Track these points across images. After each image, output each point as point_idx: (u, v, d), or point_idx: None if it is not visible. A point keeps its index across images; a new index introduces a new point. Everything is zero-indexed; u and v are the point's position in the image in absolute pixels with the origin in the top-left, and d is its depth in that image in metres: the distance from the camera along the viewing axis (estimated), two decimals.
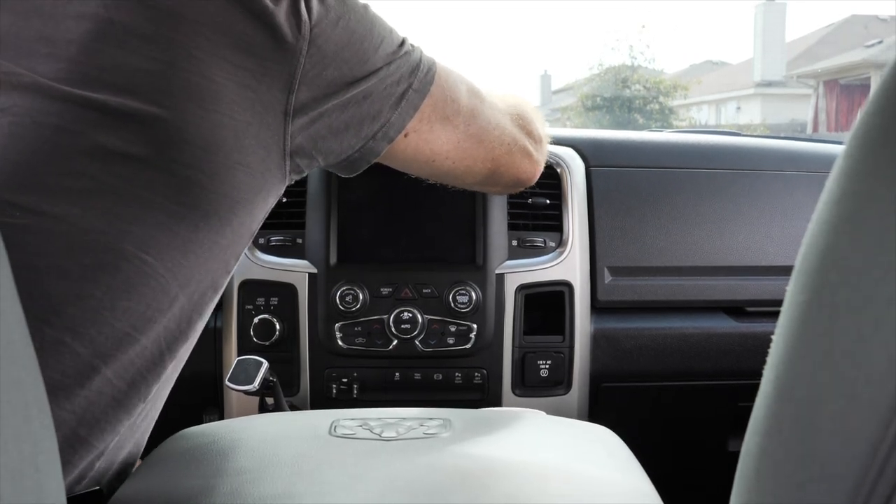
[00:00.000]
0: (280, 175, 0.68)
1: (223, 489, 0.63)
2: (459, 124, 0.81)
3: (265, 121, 0.64)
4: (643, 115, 20.33)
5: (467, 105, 0.81)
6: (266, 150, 0.65)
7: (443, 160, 0.82)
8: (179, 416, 1.10)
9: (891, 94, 0.33)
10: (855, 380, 0.31)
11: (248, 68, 0.63)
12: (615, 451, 0.76)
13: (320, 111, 0.68)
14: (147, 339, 0.63)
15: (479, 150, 0.85)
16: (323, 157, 0.72)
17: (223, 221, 0.65)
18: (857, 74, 16.74)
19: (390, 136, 0.75)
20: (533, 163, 0.92)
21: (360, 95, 0.70)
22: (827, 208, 0.35)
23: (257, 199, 0.67)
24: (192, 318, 0.68)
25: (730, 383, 1.24)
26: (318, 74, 0.66)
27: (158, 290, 0.63)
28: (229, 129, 0.63)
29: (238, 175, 0.64)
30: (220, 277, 0.69)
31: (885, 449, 0.30)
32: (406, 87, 0.74)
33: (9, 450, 0.36)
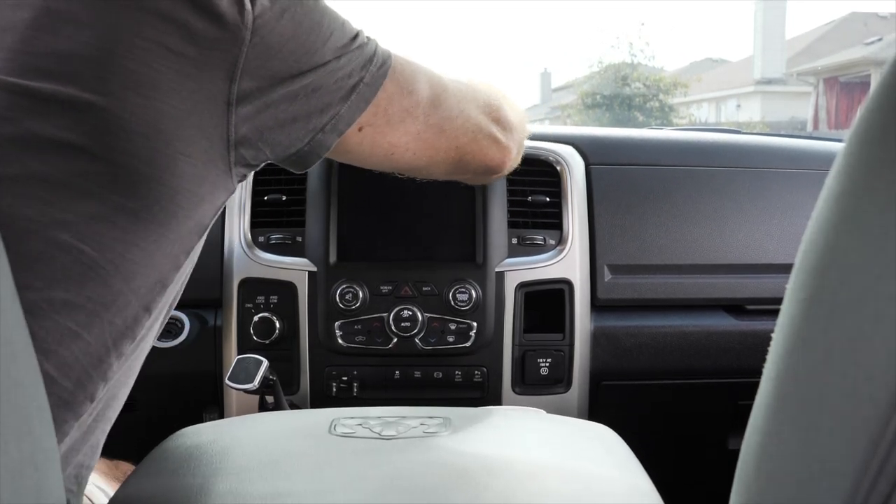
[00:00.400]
0: (224, 167, 0.67)
1: (223, 488, 0.63)
2: (419, 115, 0.80)
3: (207, 109, 0.63)
4: (643, 112, 20.31)
5: (427, 96, 0.80)
6: (209, 139, 0.64)
7: (402, 152, 0.81)
8: (179, 415, 1.11)
9: (890, 91, 0.33)
10: (855, 377, 0.31)
11: (189, 56, 0.62)
12: (615, 449, 0.76)
13: (265, 101, 0.67)
14: (91, 335, 0.62)
15: (440, 141, 0.84)
16: (270, 149, 0.70)
17: (167, 213, 0.63)
18: (856, 72, 16.73)
19: (339, 129, 0.73)
20: (501, 149, 0.91)
21: (308, 88, 0.69)
22: (827, 206, 0.35)
23: (202, 192, 0.66)
24: (140, 316, 0.66)
25: (730, 381, 1.24)
26: (261, 65, 0.65)
27: (100, 284, 0.61)
28: (169, 117, 0.61)
29: (180, 165, 0.63)
30: (169, 273, 0.67)
31: (885, 446, 0.30)
32: (357, 81, 0.72)
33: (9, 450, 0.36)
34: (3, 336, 0.37)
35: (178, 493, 0.63)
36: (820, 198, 0.36)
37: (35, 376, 0.42)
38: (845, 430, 0.32)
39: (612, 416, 1.08)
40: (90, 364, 0.62)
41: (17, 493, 0.37)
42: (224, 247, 1.19)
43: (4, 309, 0.38)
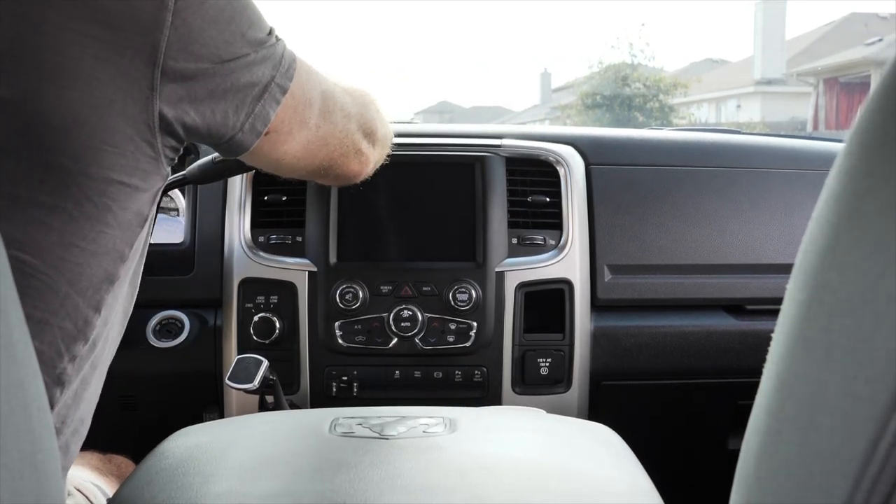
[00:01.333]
0: (152, 154, 0.64)
1: (223, 487, 0.63)
2: (312, 125, 0.77)
3: (130, 95, 0.60)
4: (643, 113, 20.31)
5: (321, 106, 0.78)
6: (133, 127, 0.61)
7: (290, 159, 0.79)
8: (179, 415, 1.11)
9: (891, 91, 0.33)
10: (854, 377, 0.31)
11: (106, 40, 0.58)
12: (615, 449, 0.76)
13: (186, 90, 0.64)
14: (42, 343, 0.60)
15: (322, 152, 0.82)
16: (189, 136, 0.68)
17: (101, 208, 0.61)
18: (857, 72, 16.73)
19: (257, 129, 0.71)
20: (363, 163, 0.89)
21: (226, 81, 0.66)
22: (827, 206, 0.35)
23: (135, 181, 0.63)
24: (90, 317, 0.64)
25: (730, 381, 1.24)
26: (183, 48, 0.62)
27: (45, 290, 0.59)
28: (90, 106, 0.58)
29: (106, 156, 0.60)
30: (115, 268, 0.65)
31: (885, 446, 0.30)
32: (269, 80, 0.70)
33: (9, 450, 0.36)
34: (3, 336, 0.37)
35: (177, 493, 0.63)
36: (820, 198, 0.36)
37: (35, 377, 0.42)
38: (845, 430, 0.32)
39: (612, 416, 1.08)
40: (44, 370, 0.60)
41: (17, 493, 0.37)
42: (224, 247, 1.19)
43: (4, 309, 0.38)
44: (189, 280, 1.20)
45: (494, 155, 1.19)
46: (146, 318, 1.18)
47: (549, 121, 25.31)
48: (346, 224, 1.16)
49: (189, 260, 1.20)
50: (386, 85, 67.09)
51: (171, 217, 1.28)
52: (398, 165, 1.18)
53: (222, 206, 1.21)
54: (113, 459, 0.96)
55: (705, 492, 1.22)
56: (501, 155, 1.19)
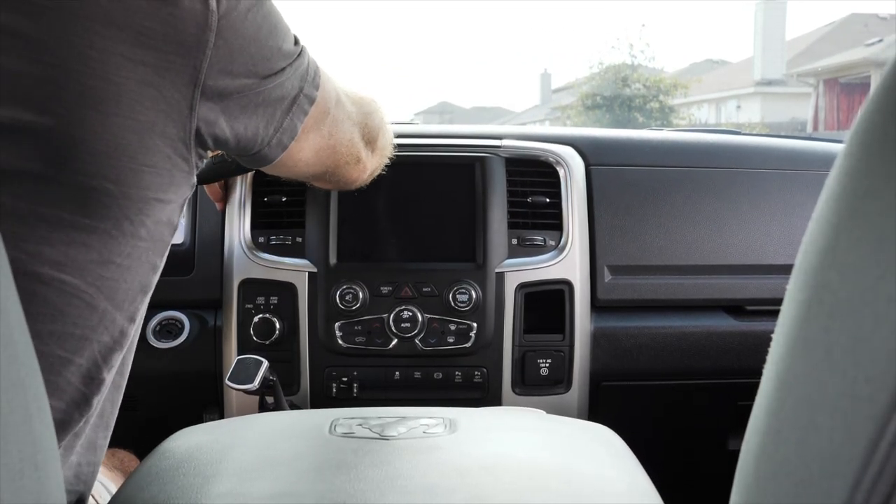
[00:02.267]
0: (187, 168, 0.65)
1: (223, 488, 0.63)
2: (325, 133, 0.78)
3: (171, 118, 0.61)
4: (643, 113, 20.33)
5: (334, 114, 0.78)
6: (172, 147, 0.62)
7: (302, 166, 0.79)
8: (179, 415, 1.11)
9: (891, 92, 0.33)
10: (854, 378, 0.31)
11: (149, 63, 0.58)
12: (615, 449, 0.76)
13: (223, 106, 0.64)
14: (81, 357, 0.61)
15: (330, 159, 0.82)
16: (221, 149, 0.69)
17: (136, 223, 0.62)
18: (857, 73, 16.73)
19: (284, 143, 0.72)
20: (361, 171, 0.90)
21: (259, 97, 0.67)
22: (827, 207, 0.35)
23: (168, 196, 0.64)
24: (125, 328, 0.65)
25: (730, 382, 1.24)
26: (223, 69, 0.62)
27: (85, 308, 0.60)
28: (132, 131, 0.59)
29: (145, 178, 0.61)
30: (149, 278, 0.66)
31: (885, 447, 0.30)
32: (298, 92, 0.70)
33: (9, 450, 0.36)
34: (3, 337, 0.37)
35: (178, 494, 0.63)
36: (820, 199, 0.36)
37: (36, 377, 0.42)
38: (845, 430, 0.32)
39: (612, 416, 1.08)
40: (83, 383, 0.62)
41: (18, 493, 0.37)
42: (224, 248, 1.19)
43: (5, 309, 0.38)
44: (189, 281, 1.20)
45: (494, 155, 1.19)
46: (146, 319, 1.18)
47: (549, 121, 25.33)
48: (346, 225, 1.16)
49: (189, 260, 1.20)
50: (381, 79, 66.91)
51: None
52: (398, 166, 1.18)
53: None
54: (116, 454, 0.96)
55: (705, 492, 1.22)
56: (501, 155, 1.20)
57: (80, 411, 0.63)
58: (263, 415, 0.90)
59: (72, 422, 0.63)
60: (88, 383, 0.63)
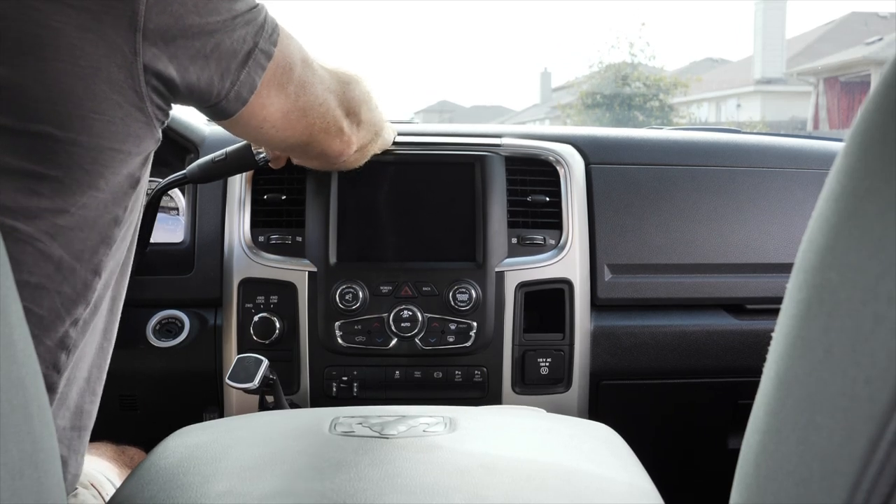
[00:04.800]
0: (143, 119, 0.65)
1: (223, 487, 0.63)
2: (291, 94, 0.78)
3: (114, 62, 0.61)
4: (643, 112, 20.32)
5: (300, 75, 0.78)
6: (120, 93, 0.62)
7: (269, 128, 0.79)
8: (180, 414, 1.11)
9: (891, 91, 0.33)
10: (854, 377, 0.31)
11: (88, 9, 0.59)
12: (615, 448, 0.76)
13: (169, 53, 0.65)
14: (41, 308, 0.61)
15: (301, 123, 0.82)
16: (177, 99, 0.69)
17: (92, 174, 0.62)
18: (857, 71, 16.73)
19: (243, 96, 0.72)
20: (344, 143, 0.90)
21: (208, 46, 0.67)
22: (827, 205, 0.35)
23: (127, 146, 0.64)
24: (89, 280, 0.64)
25: (730, 381, 1.24)
26: (162, 10, 0.63)
27: (39, 257, 0.60)
28: (75, 76, 0.59)
29: (95, 124, 0.61)
30: (110, 231, 0.66)
31: (885, 446, 0.30)
32: (252, 46, 0.71)
33: (9, 449, 0.36)
34: (3, 336, 0.37)
35: (178, 493, 0.63)
36: (820, 197, 0.36)
37: (35, 376, 0.42)
38: (845, 431, 0.32)
39: (612, 415, 1.08)
40: (46, 336, 0.62)
41: (17, 493, 0.37)
42: (224, 247, 1.19)
43: (4, 309, 0.38)
44: (189, 280, 1.20)
45: (494, 154, 1.19)
46: (146, 318, 1.18)
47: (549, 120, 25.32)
48: (346, 224, 1.16)
49: (189, 259, 1.20)
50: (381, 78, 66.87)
51: (171, 216, 1.28)
52: (398, 165, 1.19)
53: (222, 206, 1.21)
54: (126, 451, 0.96)
55: (705, 492, 1.22)
56: (501, 154, 1.19)
57: (47, 365, 0.62)
58: (263, 414, 0.90)
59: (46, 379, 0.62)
60: (53, 336, 0.62)
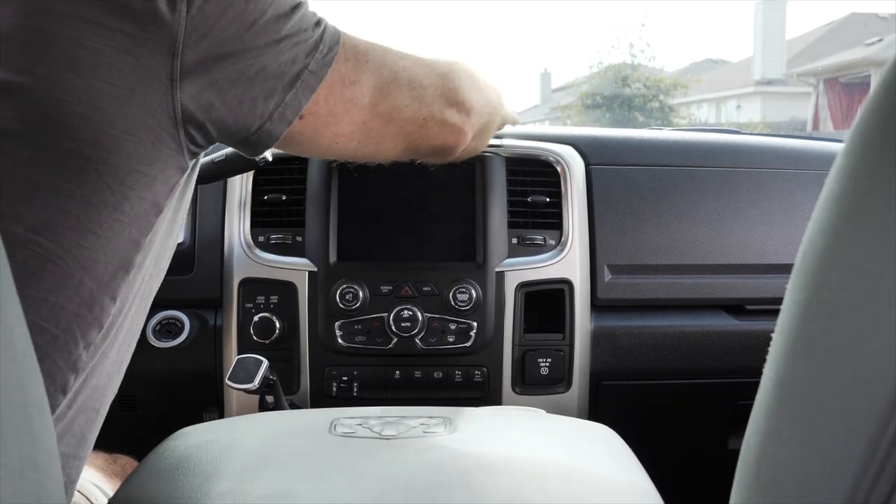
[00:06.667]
0: (174, 146, 0.65)
1: (223, 487, 0.63)
2: (365, 105, 0.77)
3: (150, 86, 0.61)
4: (643, 113, 20.33)
5: (374, 84, 0.77)
6: (154, 117, 0.62)
7: (347, 142, 0.79)
8: (179, 415, 1.11)
9: (891, 91, 0.33)
10: (854, 378, 0.31)
11: (127, 32, 0.60)
12: (615, 449, 0.76)
13: (209, 79, 0.64)
14: (57, 328, 0.61)
15: (388, 129, 0.81)
16: (217, 130, 0.68)
17: (119, 196, 0.62)
18: (857, 72, 16.73)
19: (287, 118, 0.71)
20: (455, 133, 0.88)
21: (251, 69, 0.67)
22: (827, 206, 0.35)
23: (154, 172, 0.64)
24: (105, 303, 0.64)
25: (730, 381, 1.24)
26: (202, 37, 0.63)
27: (59, 275, 0.60)
28: (110, 95, 0.59)
29: (126, 145, 0.61)
30: (130, 256, 0.65)
31: (885, 447, 0.30)
32: (301, 68, 0.70)
33: (9, 450, 0.36)
34: (3, 336, 0.37)
35: (178, 493, 0.63)
36: (820, 198, 0.36)
37: (35, 376, 0.42)
38: (845, 431, 0.32)
39: (612, 415, 1.08)
40: (60, 357, 0.61)
41: (17, 493, 0.37)
42: (224, 247, 1.19)
43: (4, 309, 0.38)
44: (189, 280, 1.20)
45: (494, 155, 1.19)
46: (146, 318, 1.18)
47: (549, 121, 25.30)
48: (346, 224, 1.16)
49: (189, 260, 1.20)
50: None
51: None
52: (398, 165, 1.19)
53: (222, 206, 1.21)
54: (118, 460, 0.96)
55: (705, 492, 1.22)
56: (501, 155, 1.19)
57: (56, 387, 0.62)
58: (263, 414, 0.90)
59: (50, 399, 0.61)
60: (65, 358, 0.62)
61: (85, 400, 0.67)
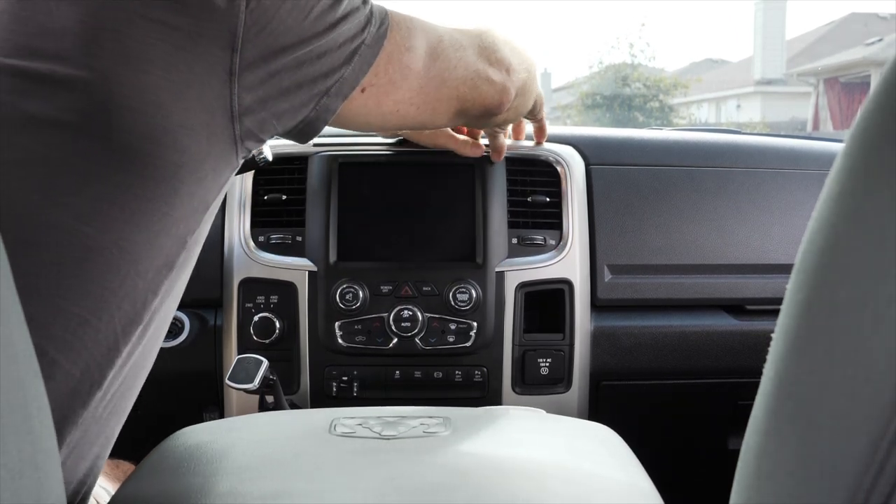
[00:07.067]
0: (229, 140, 0.65)
1: (223, 488, 0.63)
2: (420, 70, 0.79)
3: (207, 81, 0.62)
4: (643, 113, 20.33)
5: (425, 49, 0.79)
6: (210, 112, 0.63)
7: (407, 108, 0.81)
8: (179, 415, 1.11)
9: (891, 91, 0.33)
10: (855, 378, 0.31)
11: (184, 28, 0.60)
12: (615, 449, 0.76)
13: (270, 70, 0.65)
14: (100, 321, 0.60)
15: (442, 91, 0.83)
16: (276, 118, 0.69)
17: (170, 191, 0.62)
18: (857, 72, 16.74)
19: (344, 92, 0.72)
20: (499, 90, 0.90)
21: (312, 54, 0.68)
22: (827, 206, 0.35)
23: (206, 167, 0.64)
24: (148, 300, 0.64)
25: (730, 381, 1.24)
26: (261, 30, 0.63)
27: (105, 267, 0.60)
28: (166, 90, 0.60)
29: (181, 139, 0.61)
30: (175, 255, 0.66)
31: (886, 447, 0.30)
32: (359, 44, 0.71)
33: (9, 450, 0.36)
34: (3, 336, 0.37)
35: (178, 493, 0.63)
36: (820, 198, 0.36)
37: (35, 376, 0.42)
38: (845, 430, 0.32)
39: (612, 416, 1.08)
40: (99, 352, 0.61)
41: (17, 493, 0.37)
42: (224, 247, 1.19)
43: (4, 308, 0.38)
44: (189, 280, 1.19)
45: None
46: None
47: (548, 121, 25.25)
48: (347, 224, 1.16)
49: None
50: None
51: None
52: (398, 165, 1.19)
53: (222, 206, 1.21)
54: (120, 465, 0.96)
55: (705, 492, 1.22)
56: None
57: (94, 384, 0.62)
58: (263, 414, 0.90)
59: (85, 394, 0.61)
60: (105, 353, 0.62)
61: (117, 399, 0.67)
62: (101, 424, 0.66)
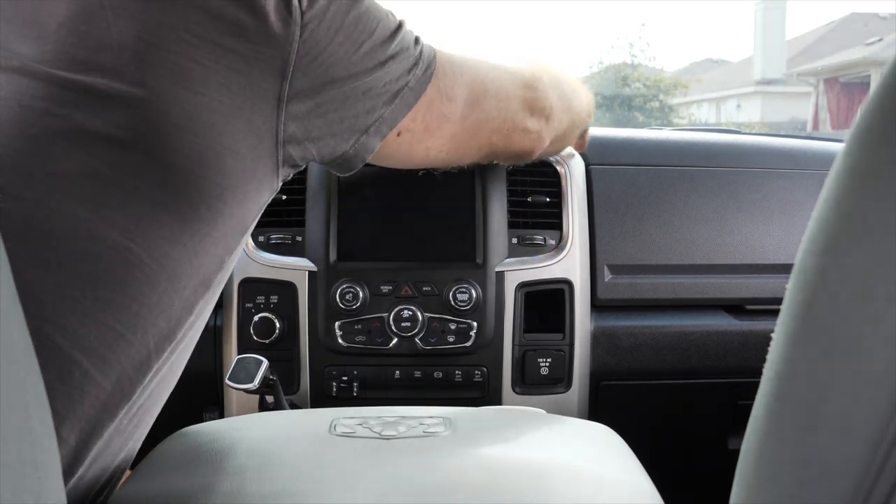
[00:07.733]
0: (272, 165, 0.66)
1: (223, 488, 0.63)
2: (456, 120, 0.79)
3: (257, 106, 0.63)
4: (643, 113, 20.32)
5: (467, 98, 0.79)
6: (257, 136, 0.63)
7: (436, 154, 0.81)
8: (179, 415, 1.11)
9: (891, 91, 0.33)
10: (855, 378, 0.31)
11: (239, 52, 0.61)
12: (615, 449, 0.76)
13: (317, 101, 0.66)
14: (135, 336, 0.61)
15: (474, 140, 0.83)
16: (317, 149, 0.69)
17: (213, 211, 0.63)
18: (857, 72, 16.73)
19: (382, 132, 0.73)
20: (532, 140, 0.90)
21: (358, 90, 0.68)
22: (827, 206, 0.35)
23: (248, 189, 0.65)
24: (183, 318, 0.65)
25: (730, 381, 1.24)
26: (312, 61, 0.64)
27: (145, 283, 0.60)
28: (218, 112, 0.61)
29: (227, 161, 0.62)
30: (213, 274, 0.66)
31: (885, 447, 0.30)
32: (402, 86, 0.72)
33: (9, 450, 0.36)
34: (3, 337, 0.37)
35: (178, 493, 0.63)
36: (820, 198, 0.36)
37: (35, 376, 0.42)
38: (845, 431, 0.32)
39: (612, 416, 1.08)
40: (131, 366, 0.61)
41: (17, 493, 0.37)
42: None
43: (4, 309, 0.38)
44: None
45: None
46: None
47: None
48: (347, 224, 1.16)
49: None
50: None
51: None
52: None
53: None
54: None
55: (705, 492, 1.22)
56: None
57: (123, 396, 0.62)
58: (263, 414, 0.90)
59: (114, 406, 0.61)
60: (137, 368, 0.62)
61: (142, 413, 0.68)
62: (124, 437, 0.66)
